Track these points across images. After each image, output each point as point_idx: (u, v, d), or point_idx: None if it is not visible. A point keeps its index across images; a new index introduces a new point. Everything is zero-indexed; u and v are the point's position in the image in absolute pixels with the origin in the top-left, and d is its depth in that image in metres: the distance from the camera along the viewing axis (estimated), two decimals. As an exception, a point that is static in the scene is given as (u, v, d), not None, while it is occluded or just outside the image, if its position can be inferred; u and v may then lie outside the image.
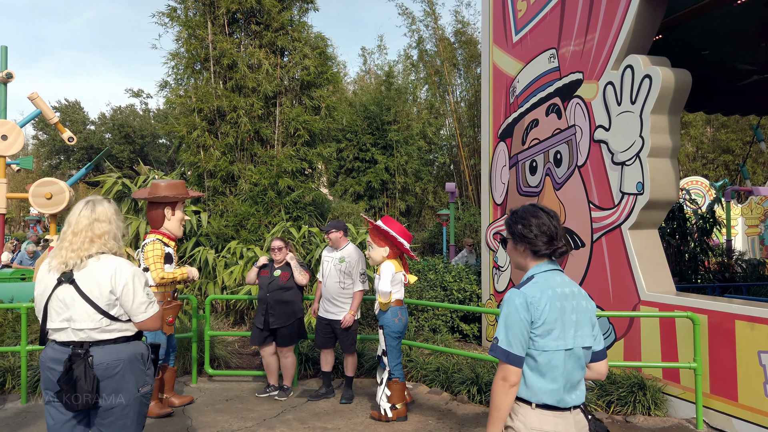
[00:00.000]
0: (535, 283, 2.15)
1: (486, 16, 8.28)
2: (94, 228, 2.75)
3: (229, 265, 8.27)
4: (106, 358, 2.64)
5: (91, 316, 2.65)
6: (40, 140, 34.52)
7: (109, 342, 2.67)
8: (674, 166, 5.28)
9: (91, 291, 2.65)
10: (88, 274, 2.67)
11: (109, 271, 2.67)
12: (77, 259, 2.67)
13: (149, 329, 2.79)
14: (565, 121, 6.35)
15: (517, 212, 2.33)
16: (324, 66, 9.66)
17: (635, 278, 5.31)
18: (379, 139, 18.52)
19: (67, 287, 2.66)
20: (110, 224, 2.80)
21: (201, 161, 9.11)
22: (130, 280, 2.70)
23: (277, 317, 5.50)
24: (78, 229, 2.74)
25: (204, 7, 9.36)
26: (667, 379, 5.08)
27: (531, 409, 2.08)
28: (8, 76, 16.08)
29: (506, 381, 2.07)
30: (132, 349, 2.73)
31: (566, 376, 2.10)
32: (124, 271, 2.70)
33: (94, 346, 2.64)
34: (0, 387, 5.60)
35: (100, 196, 2.90)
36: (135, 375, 2.70)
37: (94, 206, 2.80)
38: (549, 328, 2.09)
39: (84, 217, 2.76)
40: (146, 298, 2.75)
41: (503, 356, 2.08)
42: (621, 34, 5.49)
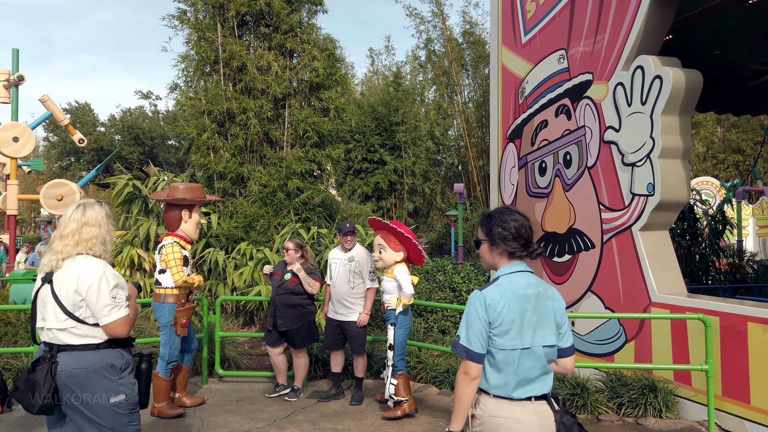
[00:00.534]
0: (497, 286, 2.28)
1: (495, 17, 8.27)
2: (83, 232, 2.74)
3: (239, 267, 8.31)
4: (69, 366, 2.59)
5: (57, 315, 2.64)
6: (50, 142, 34.80)
7: (76, 348, 2.63)
8: (685, 166, 5.26)
9: (60, 291, 2.65)
10: (61, 274, 2.67)
11: (77, 271, 2.65)
12: (56, 261, 2.69)
13: (115, 334, 2.69)
14: (574, 122, 6.33)
15: (494, 215, 2.40)
16: (332, 68, 9.69)
17: (646, 280, 5.29)
18: (387, 140, 18.54)
19: (45, 287, 2.70)
20: (99, 228, 2.78)
21: (211, 163, 9.16)
22: (96, 281, 2.65)
23: (285, 320, 5.53)
24: (66, 232, 2.74)
25: (214, 10, 9.41)
26: (678, 381, 5.06)
27: (490, 398, 2.26)
28: (19, 78, 16.22)
29: (467, 375, 2.23)
30: (98, 358, 2.64)
31: (520, 373, 2.24)
32: (92, 272, 2.66)
33: (62, 351, 2.62)
34: (14, 388, 5.65)
35: (92, 200, 2.88)
36: (102, 384, 2.61)
37: (84, 210, 2.79)
38: (506, 328, 2.22)
39: (73, 220, 2.75)
40: (111, 300, 2.67)
41: (464, 353, 2.24)
42: (631, 34, 5.47)
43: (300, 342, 5.58)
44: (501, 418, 2.22)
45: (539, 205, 6.96)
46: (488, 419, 2.23)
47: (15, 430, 4.76)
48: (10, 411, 5.22)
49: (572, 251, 6.32)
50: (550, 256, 6.71)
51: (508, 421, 2.21)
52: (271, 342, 5.66)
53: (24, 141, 14.47)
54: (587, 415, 4.99)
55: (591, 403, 5.01)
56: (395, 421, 5.02)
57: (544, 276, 6.80)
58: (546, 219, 6.81)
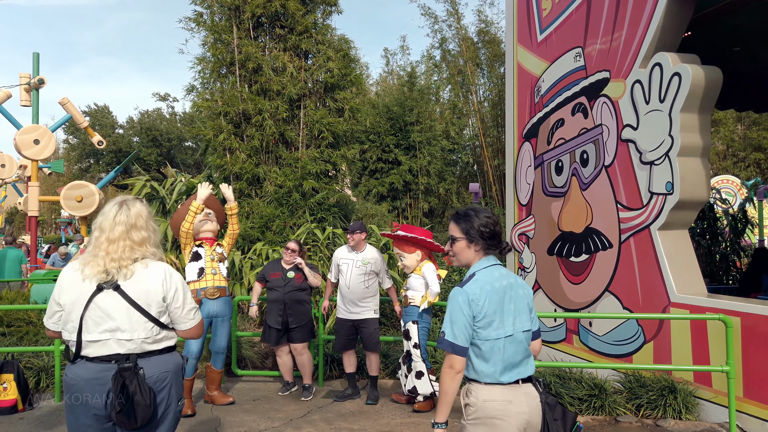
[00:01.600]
0: (476, 281, 2.42)
1: (510, 16, 8.23)
2: (133, 236, 2.56)
3: (255, 267, 8.35)
4: (156, 371, 2.50)
5: (142, 324, 2.48)
6: (70, 144, 35.34)
7: (155, 353, 2.53)
8: (705, 165, 5.18)
9: (140, 298, 2.48)
10: (135, 280, 2.50)
11: (159, 276, 2.54)
12: (120, 268, 2.50)
13: (194, 337, 2.69)
14: (591, 121, 6.27)
15: (471, 213, 2.53)
16: (347, 68, 9.70)
17: (665, 280, 5.22)
18: (402, 140, 18.52)
19: (110, 295, 2.47)
20: (148, 230, 2.62)
21: (227, 164, 9.22)
22: (180, 285, 2.59)
23: (295, 317, 5.62)
24: (114, 236, 2.53)
25: (229, 12, 9.48)
26: (698, 382, 4.98)
27: (481, 386, 2.40)
28: (40, 81, 16.49)
29: (452, 369, 2.35)
30: (177, 360, 2.62)
31: (506, 359, 2.40)
32: (174, 277, 2.59)
33: (140, 358, 2.48)
34: (35, 386, 5.75)
35: (131, 197, 2.70)
36: (177, 387, 2.60)
37: (129, 210, 2.59)
38: (489, 320, 2.38)
39: (120, 223, 2.55)
40: (194, 304, 2.66)
41: (449, 348, 2.36)
42: (649, 31, 5.40)
43: (303, 338, 5.67)
44: (494, 401, 2.37)
45: (556, 204, 6.91)
46: (482, 404, 2.38)
47: (37, 428, 4.83)
48: (31, 409, 5.31)
49: (589, 251, 6.26)
50: (566, 256, 6.66)
51: (501, 403, 2.37)
52: (276, 341, 5.71)
53: (44, 143, 14.70)
54: (605, 416, 4.94)
55: (609, 404, 4.96)
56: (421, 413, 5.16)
57: (560, 276, 6.75)
58: (562, 218, 6.76)
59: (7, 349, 5.67)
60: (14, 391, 5.23)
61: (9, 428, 4.82)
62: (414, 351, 5.21)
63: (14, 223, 36.37)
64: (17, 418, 5.07)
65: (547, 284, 7.00)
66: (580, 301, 6.37)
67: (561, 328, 6.70)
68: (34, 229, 14.90)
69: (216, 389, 5.49)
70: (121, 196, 2.70)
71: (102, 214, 2.59)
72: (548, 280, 6.95)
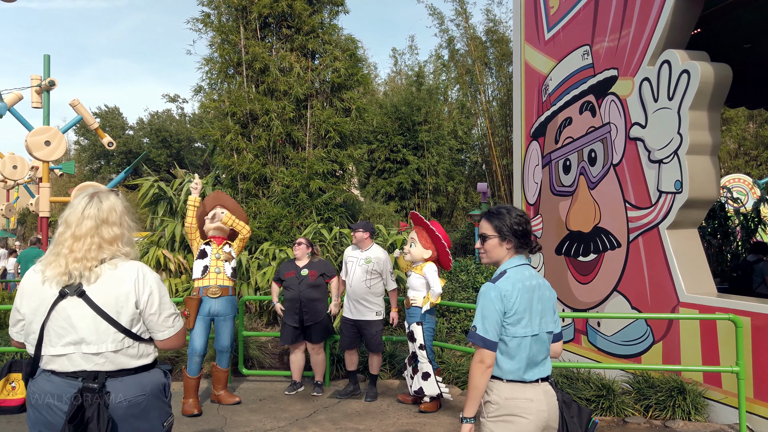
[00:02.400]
0: (507, 278, 2.42)
1: (517, 14, 8.18)
2: (103, 232, 2.18)
3: (262, 267, 8.37)
4: (128, 394, 2.11)
5: (111, 335, 2.11)
6: (81, 145, 35.63)
7: (129, 372, 2.15)
8: (714, 163, 5.12)
9: (108, 304, 2.11)
10: (102, 284, 2.12)
11: (130, 278, 2.15)
12: (84, 270, 2.12)
13: (173, 347, 2.30)
14: (599, 119, 6.22)
15: (504, 211, 2.53)
16: (354, 68, 9.70)
17: (674, 279, 5.16)
18: (410, 139, 18.50)
19: (74, 302, 2.10)
20: (121, 227, 2.24)
21: (234, 164, 9.24)
22: (155, 288, 2.20)
23: (311, 314, 5.62)
24: (81, 232, 2.16)
25: (236, 13, 9.50)
26: (708, 383, 4.92)
27: (503, 384, 2.40)
28: (50, 83, 16.62)
29: (483, 363, 2.34)
30: (155, 380, 2.22)
31: (530, 357, 2.41)
32: (148, 278, 2.20)
33: (110, 378, 2.10)
34: None
35: (105, 188, 2.34)
36: (158, 410, 2.21)
37: (100, 203, 2.22)
38: (519, 317, 2.39)
39: (89, 217, 2.17)
40: (173, 308, 2.26)
41: (480, 342, 2.35)
42: (657, 28, 5.35)
43: (319, 336, 5.67)
44: (517, 399, 2.38)
45: (563, 203, 6.86)
46: (505, 402, 2.38)
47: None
48: (40, 408, 5.34)
49: (597, 250, 6.20)
50: (574, 256, 6.61)
51: (523, 401, 2.38)
52: (293, 340, 5.71)
53: (55, 145, 14.81)
54: (613, 417, 4.89)
55: (617, 405, 4.91)
56: (428, 414, 5.11)
57: (568, 275, 6.70)
58: (570, 218, 6.71)
59: (16, 349, 5.70)
60: (23, 390, 5.23)
61: (17, 427, 4.84)
62: (420, 352, 5.18)
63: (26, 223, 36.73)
64: (25, 417, 5.10)
65: (554, 284, 6.95)
66: (588, 301, 6.32)
67: (569, 328, 6.65)
68: (45, 229, 15.03)
69: (222, 388, 5.50)
70: (93, 187, 2.33)
71: (70, 206, 2.21)
72: (556, 280, 6.90)
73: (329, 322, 5.82)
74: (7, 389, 5.26)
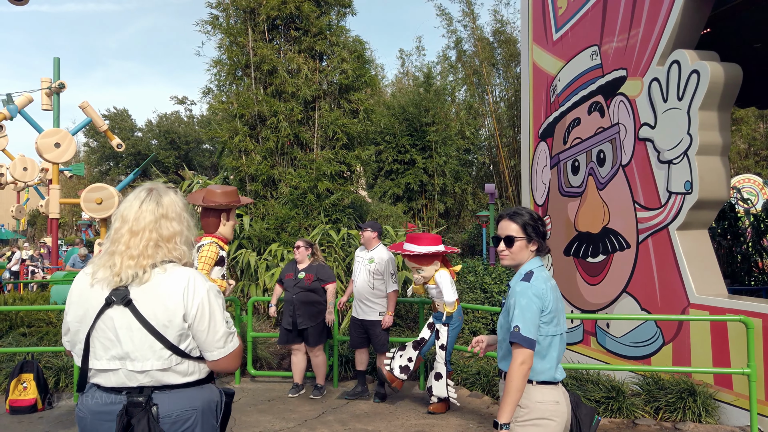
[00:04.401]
0: (538, 278, 2.43)
1: (525, 15, 8.17)
2: (162, 227, 1.98)
3: (270, 267, 8.39)
4: (176, 408, 1.91)
5: (156, 352, 1.89)
6: (90, 147, 35.89)
7: (178, 386, 1.94)
8: (724, 163, 5.08)
9: (156, 316, 1.89)
10: (150, 291, 1.90)
11: (179, 287, 1.91)
12: (137, 270, 1.91)
13: (227, 370, 2.04)
14: (608, 120, 6.20)
15: (533, 213, 2.58)
16: (362, 69, 9.72)
17: (684, 280, 5.13)
18: (418, 140, 18.49)
19: (120, 311, 1.89)
20: (181, 223, 2.04)
21: (243, 166, 9.28)
22: (206, 300, 1.94)
23: (304, 318, 5.63)
24: (139, 227, 1.95)
25: (245, 15, 9.55)
26: (718, 385, 4.89)
27: (533, 386, 2.36)
28: (60, 86, 16.75)
29: (525, 365, 2.29)
30: (207, 396, 2.00)
31: (558, 356, 2.43)
32: (199, 289, 1.94)
33: (157, 391, 1.91)
34: (54, 385, 5.83)
35: (163, 184, 2.13)
36: (208, 427, 1.99)
37: (160, 197, 2.03)
38: (552, 315, 2.40)
39: (148, 211, 1.98)
40: (226, 327, 1.99)
41: (525, 342, 2.29)
42: (666, 28, 5.32)
43: (315, 339, 5.69)
44: (546, 402, 2.36)
45: (572, 204, 6.83)
46: (535, 406, 2.36)
47: (56, 427, 4.90)
48: (50, 408, 5.38)
49: (606, 251, 6.18)
50: (583, 257, 6.58)
51: (552, 404, 2.37)
52: (286, 341, 5.76)
53: (65, 147, 14.92)
54: (623, 419, 4.87)
55: (627, 406, 4.89)
56: (436, 416, 5.10)
57: (577, 277, 6.67)
58: (579, 219, 6.68)
59: (27, 349, 5.76)
60: (34, 391, 5.30)
61: (29, 427, 4.89)
62: (440, 352, 5.17)
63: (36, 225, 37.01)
64: (37, 417, 5.14)
65: (563, 285, 6.92)
66: (598, 302, 6.29)
67: (578, 329, 6.63)
68: (55, 231, 15.14)
69: None
70: (150, 183, 2.13)
71: (125, 202, 2.03)
72: (565, 281, 6.88)
73: (326, 325, 5.80)
74: (19, 389, 5.32)
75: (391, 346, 5.69)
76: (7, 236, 30.04)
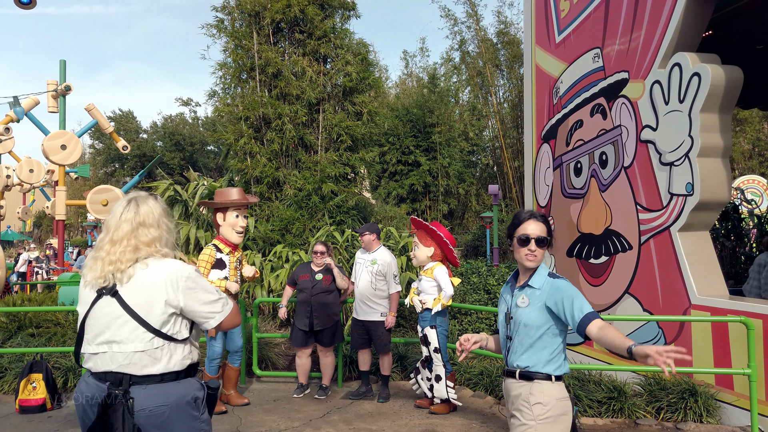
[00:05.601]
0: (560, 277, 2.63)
1: (528, 17, 8.21)
2: (140, 235, 2.20)
3: (275, 269, 8.46)
4: (149, 403, 2.06)
5: (138, 334, 2.10)
6: (96, 149, 36.05)
7: (154, 380, 2.10)
8: (726, 165, 5.12)
9: (139, 303, 2.11)
10: (135, 283, 2.13)
11: (162, 276, 2.14)
12: (116, 271, 2.14)
13: (231, 327, 2.31)
14: (610, 122, 6.24)
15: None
16: (366, 72, 9.78)
17: (685, 281, 5.17)
18: (422, 141, 18.54)
19: (108, 301, 2.13)
20: (158, 228, 2.25)
21: (248, 168, 9.36)
22: (192, 276, 2.19)
23: (321, 319, 5.66)
24: (118, 237, 2.18)
25: (250, 18, 9.62)
26: (719, 385, 4.93)
27: (551, 384, 2.46)
28: (67, 88, 16.87)
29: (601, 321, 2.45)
30: (182, 390, 2.14)
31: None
32: (182, 270, 2.18)
33: (135, 385, 2.07)
34: (62, 385, 5.90)
35: (144, 192, 2.35)
36: (186, 423, 2.13)
37: (137, 207, 2.25)
38: None
39: (126, 221, 2.20)
40: (215, 294, 2.25)
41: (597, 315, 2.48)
42: (668, 31, 5.36)
43: (329, 340, 5.74)
44: (565, 399, 2.47)
45: (575, 206, 6.87)
46: (556, 403, 2.44)
47: (64, 426, 4.97)
48: (59, 408, 5.45)
49: (609, 253, 6.22)
50: (586, 258, 6.62)
51: (566, 400, 2.48)
52: (303, 343, 5.77)
53: (71, 148, 15.02)
54: (624, 419, 4.91)
55: (629, 407, 4.93)
56: (439, 416, 5.15)
57: (579, 278, 6.71)
58: (582, 220, 6.72)
59: (36, 350, 5.84)
60: (43, 390, 5.38)
61: (38, 426, 4.96)
62: (435, 355, 5.22)
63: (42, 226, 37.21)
64: (46, 416, 5.22)
65: (566, 286, 6.97)
66: (600, 303, 6.33)
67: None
68: (61, 232, 15.25)
69: (232, 388, 5.57)
70: (133, 192, 2.35)
71: (110, 212, 2.27)
72: (567, 282, 6.92)
73: (340, 327, 5.88)
74: (28, 389, 5.40)
75: (393, 347, 5.75)
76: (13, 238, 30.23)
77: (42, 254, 17.90)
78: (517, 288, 2.65)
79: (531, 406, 2.43)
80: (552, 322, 2.52)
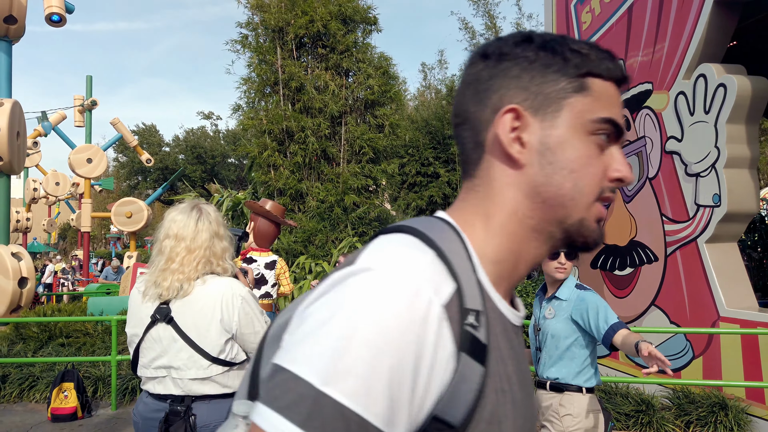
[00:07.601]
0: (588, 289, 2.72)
1: (549, 29, 8.25)
2: (215, 245, 2.07)
3: (298, 280, 8.54)
4: (211, 419, 2.00)
5: (196, 361, 2.00)
6: (119, 162, 36.71)
7: (216, 397, 2.04)
8: (753, 176, 5.09)
9: (196, 327, 2.01)
10: (189, 305, 2.02)
11: (217, 298, 2.02)
12: (183, 283, 2.02)
13: None
14: (634, 133, 6.23)
15: None
16: (387, 85, 9.88)
17: (713, 293, 5.12)
18: (441, 153, 18.58)
19: (163, 328, 2.04)
20: (226, 240, 2.15)
21: (271, 180, 9.48)
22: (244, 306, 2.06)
23: None
24: (195, 245, 2.03)
25: (273, 34, 9.80)
26: (750, 399, 4.85)
27: (581, 395, 2.49)
28: (93, 103, 17.26)
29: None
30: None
31: None
32: (236, 296, 2.05)
33: (197, 401, 2.02)
34: (92, 394, 6.01)
35: (204, 201, 2.21)
36: None
37: (209, 215, 2.10)
38: None
39: (204, 230, 2.05)
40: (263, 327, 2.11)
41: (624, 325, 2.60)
42: (692, 43, 5.36)
43: None
44: (597, 411, 2.51)
45: (598, 217, 6.85)
46: (586, 415, 2.48)
47: (95, 434, 5.06)
48: (90, 416, 5.56)
49: (634, 264, 6.18)
50: (610, 269, 6.59)
51: (600, 414, 2.51)
52: None
53: (97, 162, 15.35)
54: (653, 432, 4.86)
55: (657, 420, 4.88)
56: None
57: (604, 289, 6.67)
58: (606, 231, 6.69)
59: (68, 359, 5.96)
60: (74, 399, 5.49)
61: (70, 434, 5.06)
62: None
63: (67, 238, 37.89)
64: (77, 424, 5.32)
65: (590, 298, 6.94)
66: (626, 315, 6.28)
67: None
68: (86, 244, 15.55)
69: None
70: (189, 200, 2.19)
71: (173, 221, 2.07)
72: (592, 294, 6.88)
73: None
74: (60, 398, 5.51)
75: None
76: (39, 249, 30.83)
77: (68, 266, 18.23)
78: (545, 300, 2.67)
79: (561, 418, 2.44)
80: (579, 333, 2.54)
